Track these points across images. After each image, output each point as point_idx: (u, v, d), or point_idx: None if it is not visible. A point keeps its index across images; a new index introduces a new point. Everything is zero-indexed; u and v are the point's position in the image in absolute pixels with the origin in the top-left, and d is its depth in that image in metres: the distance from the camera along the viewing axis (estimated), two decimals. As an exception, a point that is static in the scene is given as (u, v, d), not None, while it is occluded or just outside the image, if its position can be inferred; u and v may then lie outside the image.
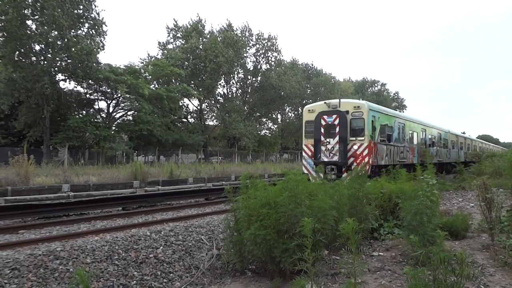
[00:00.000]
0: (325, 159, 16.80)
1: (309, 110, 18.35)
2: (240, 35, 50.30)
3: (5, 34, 27.83)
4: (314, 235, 4.62)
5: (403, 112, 77.51)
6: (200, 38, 48.00)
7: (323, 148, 16.96)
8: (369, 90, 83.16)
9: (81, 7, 30.80)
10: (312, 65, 67.38)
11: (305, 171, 17.04)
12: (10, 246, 6.36)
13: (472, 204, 12.23)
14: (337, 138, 16.64)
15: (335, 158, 16.61)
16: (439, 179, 10.58)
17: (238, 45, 47.74)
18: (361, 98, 61.51)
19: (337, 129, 16.68)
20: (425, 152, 23.60)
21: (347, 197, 7.00)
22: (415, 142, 22.97)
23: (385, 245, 7.40)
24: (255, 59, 53.13)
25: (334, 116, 16.79)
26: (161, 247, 7.00)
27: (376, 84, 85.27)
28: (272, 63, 53.53)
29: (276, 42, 53.15)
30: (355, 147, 16.43)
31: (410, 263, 5.94)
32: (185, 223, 8.61)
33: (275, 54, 53.40)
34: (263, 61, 53.48)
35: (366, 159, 16.10)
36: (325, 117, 17.06)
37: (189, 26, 49.23)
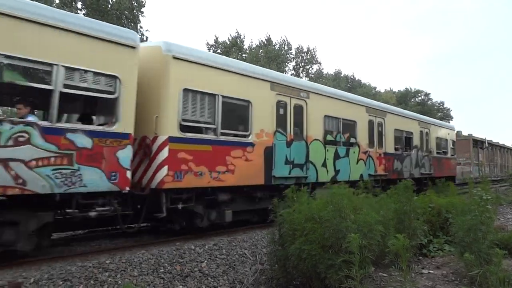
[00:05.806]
0: None
1: None
2: (278, 49, 50.58)
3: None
4: (361, 251, 4.50)
5: (449, 122, 74.59)
6: (240, 53, 48.67)
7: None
8: (412, 100, 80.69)
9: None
10: (353, 76, 66.68)
11: None
12: (63, 258, 6.62)
13: (530, 219, 11.51)
14: None
15: None
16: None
17: (279, 59, 47.99)
18: (405, 109, 60.07)
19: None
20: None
21: (393, 211, 6.79)
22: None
23: (435, 262, 7.10)
24: (294, 72, 53.21)
25: None
26: (205, 261, 7.06)
27: (419, 94, 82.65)
28: (312, 75, 53.38)
29: (315, 54, 53.12)
30: None
31: (464, 282, 5.63)
32: (228, 237, 8.63)
33: (315, 66, 53.33)
34: (303, 74, 53.43)
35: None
36: None
37: (228, 42, 50.11)
